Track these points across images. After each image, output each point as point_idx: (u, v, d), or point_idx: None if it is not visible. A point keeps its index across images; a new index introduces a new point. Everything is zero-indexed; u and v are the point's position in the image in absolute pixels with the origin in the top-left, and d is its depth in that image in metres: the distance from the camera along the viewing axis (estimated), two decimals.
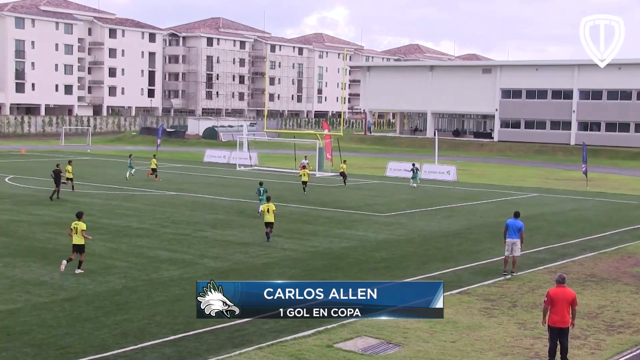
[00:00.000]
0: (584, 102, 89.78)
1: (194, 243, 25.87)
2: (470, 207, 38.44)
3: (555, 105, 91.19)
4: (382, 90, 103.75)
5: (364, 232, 29.23)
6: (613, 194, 46.78)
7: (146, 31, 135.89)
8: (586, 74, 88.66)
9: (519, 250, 22.13)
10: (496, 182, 52.45)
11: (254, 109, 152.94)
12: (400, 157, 72.67)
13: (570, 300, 13.87)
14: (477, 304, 18.47)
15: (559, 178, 57.64)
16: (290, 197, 40.26)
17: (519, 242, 22.01)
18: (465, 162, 69.91)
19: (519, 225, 22.09)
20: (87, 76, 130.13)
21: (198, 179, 49.55)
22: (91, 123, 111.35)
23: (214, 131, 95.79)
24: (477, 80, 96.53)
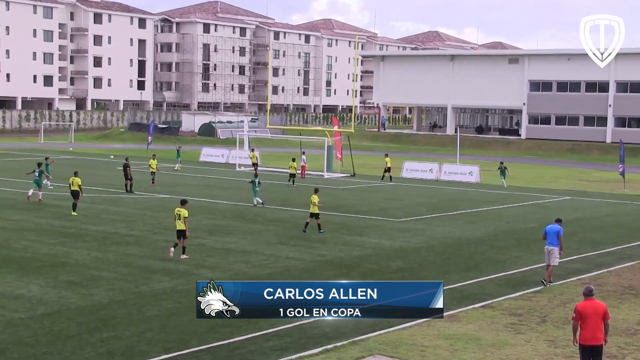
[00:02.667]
0: (621, 96, 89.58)
1: (189, 251, 25.87)
2: (496, 212, 38.41)
3: (590, 98, 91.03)
4: (397, 82, 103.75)
5: (377, 240, 29.23)
6: None
7: (135, 16, 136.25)
8: (624, 64, 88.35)
9: (557, 258, 22.29)
10: (524, 184, 52.39)
11: (256, 103, 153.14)
12: (417, 156, 72.64)
13: (601, 314, 13.74)
14: (502, 319, 18.46)
15: (593, 179, 57.51)
16: (296, 201, 40.28)
17: (557, 249, 22.14)
18: (489, 161, 69.83)
19: (555, 230, 22.22)
20: (69, 66, 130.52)
21: (193, 181, 49.63)
22: (74, 118, 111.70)
23: (211, 127, 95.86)
24: (503, 72, 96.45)
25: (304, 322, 17.43)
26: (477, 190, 48.51)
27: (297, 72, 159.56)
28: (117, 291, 20.44)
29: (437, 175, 55.03)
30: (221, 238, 28.49)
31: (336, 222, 33.38)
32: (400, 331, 17.22)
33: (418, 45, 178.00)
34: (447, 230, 32.18)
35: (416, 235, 30.67)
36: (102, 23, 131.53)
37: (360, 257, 25.81)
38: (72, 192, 34.34)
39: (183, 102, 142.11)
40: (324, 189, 46.90)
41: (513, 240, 29.94)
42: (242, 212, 35.70)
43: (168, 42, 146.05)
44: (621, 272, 24.52)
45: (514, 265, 25.04)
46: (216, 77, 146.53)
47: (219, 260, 24.66)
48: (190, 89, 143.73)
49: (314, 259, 25.26)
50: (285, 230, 31.01)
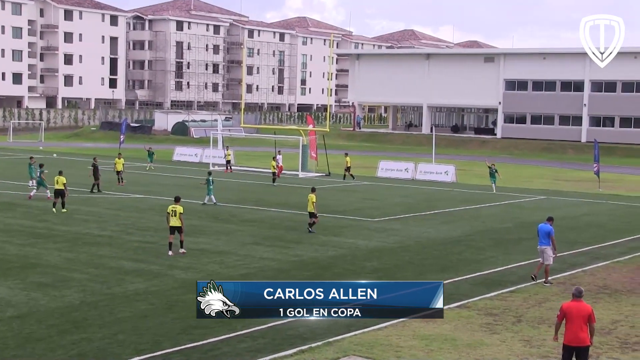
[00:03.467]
0: (596, 95, 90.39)
1: (162, 252, 25.81)
2: (472, 212, 38.61)
3: (565, 98, 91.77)
4: (372, 81, 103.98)
5: (353, 240, 29.29)
6: (628, 196, 47.13)
7: (107, 13, 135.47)
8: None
9: (551, 258, 22.65)
10: (500, 183, 52.68)
11: (230, 102, 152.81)
12: (393, 155, 72.84)
13: (586, 316, 13.81)
14: (478, 319, 18.58)
15: (568, 179, 57.98)
16: (271, 201, 40.28)
17: (549, 248, 22.52)
18: (465, 161, 70.18)
19: (546, 230, 22.61)
20: (39, 63, 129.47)
21: (167, 180, 49.46)
22: (44, 117, 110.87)
23: (185, 126, 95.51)
24: (479, 70, 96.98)
25: (278, 323, 17.46)
26: (453, 189, 48.73)
27: (272, 70, 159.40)
28: (89, 292, 20.34)
29: (412, 175, 55.22)
30: (195, 238, 28.41)
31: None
32: (376, 332, 17.28)
33: (394, 44, 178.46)
34: (423, 230, 32.31)
35: (392, 235, 30.76)
36: (73, 20, 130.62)
37: (336, 258, 25.85)
38: (56, 191, 34.49)
39: (156, 101, 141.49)
40: (299, 188, 46.96)
41: (489, 240, 30.12)
42: (216, 212, 35.64)
43: (140, 40, 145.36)
44: (595, 271, 24.75)
45: (489, 265, 25.20)
46: (189, 75, 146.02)
47: (193, 260, 24.60)
48: (163, 87, 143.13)
49: (289, 260, 25.27)
50: (260, 230, 30.99)
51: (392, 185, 50.19)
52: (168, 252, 25.35)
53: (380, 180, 53.68)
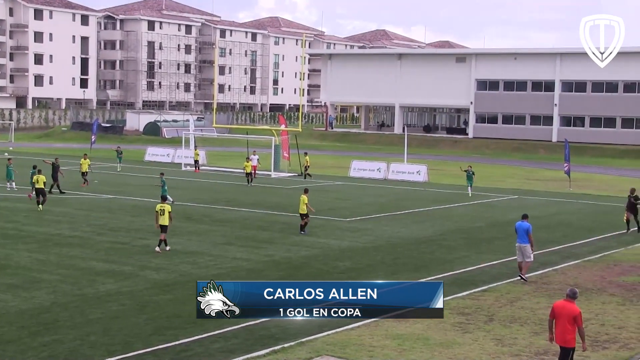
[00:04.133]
0: (566, 95, 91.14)
1: (134, 253, 25.68)
2: (443, 211, 38.77)
3: (536, 98, 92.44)
4: (345, 81, 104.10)
5: (325, 239, 29.31)
6: (598, 195, 47.56)
7: (78, 12, 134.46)
8: (569, 63, 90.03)
9: (530, 255, 22.98)
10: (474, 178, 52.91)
11: (202, 102, 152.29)
12: (365, 155, 72.96)
13: (571, 318, 13.73)
14: (450, 318, 18.65)
15: (540, 178, 58.40)
16: (243, 201, 40.21)
17: (528, 246, 22.85)
18: (437, 160, 70.47)
19: (524, 227, 22.96)
20: (9, 63, 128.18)
21: (138, 180, 49.20)
22: (14, 117, 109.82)
23: (157, 126, 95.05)
24: (450, 70, 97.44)
25: (251, 324, 17.42)
26: (425, 189, 48.90)
27: (244, 70, 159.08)
28: (60, 294, 20.18)
29: (385, 175, 55.35)
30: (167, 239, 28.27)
31: (284, 222, 33.39)
32: (349, 331, 17.29)
33: (366, 44, 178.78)
34: (395, 229, 32.39)
35: (364, 235, 30.81)
36: (43, 19, 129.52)
37: (308, 257, 25.85)
38: (37, 190, 34.84)
39: (127, 101, 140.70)
40: (272, 189, 46.94)
41: (461, 240, 30.25)
42: (189, 212, 35.50)
43: (112, 40, 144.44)
44: (567, 270, 24.94)
45: (461, 265, 25.31)
46: (161, 75, 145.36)
47: (165, 261, 24.49)
48: (135, 87, 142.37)
49: (262, 260, 25.24)
50: (233, 230, 30.93)
51: (365, 185, 50.27)
52: (166, 248, 26.08)
53: (353, 180, 53.74)
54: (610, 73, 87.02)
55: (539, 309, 19.72)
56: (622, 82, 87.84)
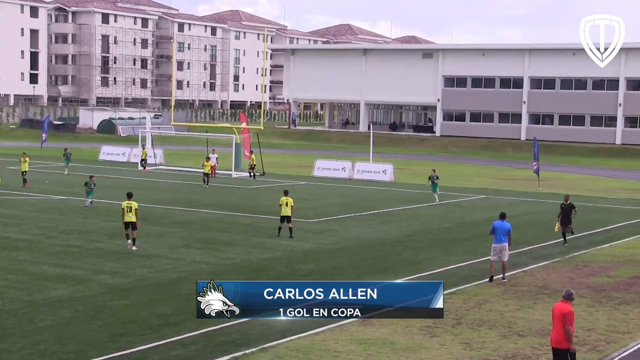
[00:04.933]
0: (535, 92, 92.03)
1: (87, 256, 25.45)
2: (410, 211, 38.92)
3: (504, 95, 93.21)
4: (308, 77, 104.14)
5: (288, 242, 29.27)
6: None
7: (27, 4, 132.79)
8: (538, 60, 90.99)
9: (507, 254, 23.54)
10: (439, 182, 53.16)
11: (159, 99, 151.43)
12: (329, 154, 73.01)
13: (561, 316, 13.81)
14: (417, 321, 18.69)
15: (508, 177, 58.85)
16: (203, 202, 40.04)
17: (507, 246, 23.43)
18: (403, 159, 70.73)
19: (507, 227, 23.47)
20: None
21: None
22: None
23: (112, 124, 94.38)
24: (417, 67, 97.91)
25: (210, 329, 17.34)
26: (391, 189, 49.05)
27: (203, 66, 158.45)
28: (7, 300, 19.92)
29: (350, 174, 55.45)
30: (122, 241, 28.03)
31: (245, 224, 33.30)
32: (312, 336, 17.28)
33: (330, 39, 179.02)
34: (360, 230, 32.44)
35: (329, 236, 30.82)
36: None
37: (271, 260, 25.79)
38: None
39: (80, 97, 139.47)
40: (232, 189, 46.80)
41: (428, 241, 30.39)
42: (145, 213, 35.23)
43: (63, 33, 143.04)
44: (535, 271, 25.14)
45: (429, 266, 25.41)
46: (116, 70, 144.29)
47: (120, 265, 24.30)
48: (88, 83, 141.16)
49: (222, 263, 25.14)
50: (191, 232, 30.77)
51: (329, 185, 50.32)
52: (127, 244, 26.68)
53: (317, 179, 53.75)
54: (579, 70, 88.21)
55: (508, 312, 19.87)
56: (591, 79, 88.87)
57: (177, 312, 18.99)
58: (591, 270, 25.53)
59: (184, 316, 18.58)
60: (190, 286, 21.74)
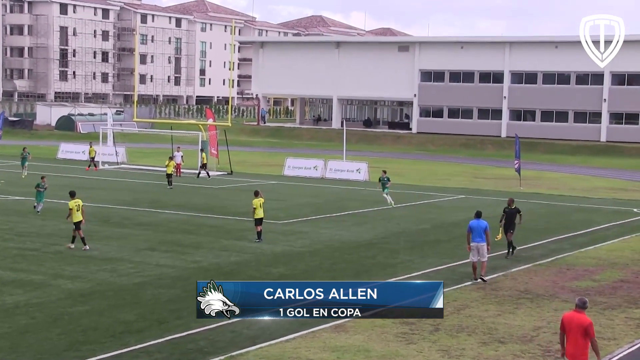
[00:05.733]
0: (516, 87, 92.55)
1: (45, 260, 25.30)
2: (385, 213, 38.99)
3: (484, 90, 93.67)
4: (278, 71, 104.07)
5: (257, 244, 29.25)
6: (550, 195, 48.36)
7: None
8: (519, 53, 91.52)
9: (487, 253, 24.01)
10: (415, 181, 53.36)
11: (121, 94, 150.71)
12: (300, 152, 73.01)
13: (582, 329, 13.53)
14: (393, 328, 18.76)
15: (488, 176, 59.14)
16: (168, 202, 39.90)
17: (485, 245, 23.87)
18: (378, 158, 70.87)
19: (483, 225, 23.97)
20: None
21: (51, 180, 48.32)
22: None
23: (71, 121, 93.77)
24: (393, 60, 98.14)
25: (176, 336, 17.31)
26: (365, 189, 49.13)
27: (168, 59, 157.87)
28: None
29: (322, 173, 55.47)
30: (82, 244, 27.91)
31: (212, 225, 33.24)
32: (283, 344, 17.29)
33: (301, 31, 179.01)
34: (333, 232, 32.48)
35: (300, 238, 30.83)
36: None
37: (239, 263, 25.77)
38: None
39: (38, 92, 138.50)
40: (198, 188, 46.66)
41: (404, 243, 30.47)
42: (107, 214, 35.08)
43: (19, 24, 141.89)
44: (517, 275, 25.27)
45: (405, 270, 25.48)
46: (75, 64, 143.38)
47: (80, 269, 24.17)
48: (46, 77, 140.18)
49: (188, 266, 25.09)
50: (156, 234, 30.67)
51: (300, 185, 50.32)
52: (69, 246, 27.15)
53: (287, 179, 53.73)
54: (562, 64, 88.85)
55: (488, 317, 19.98)
56: (575, 74, 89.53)
57: (140, 319, 18.92)
58: (575, 273, 25.73)
59: (148, 323, 18.52)
60: (154, 291, 21.70)
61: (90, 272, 23.81)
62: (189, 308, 19.72)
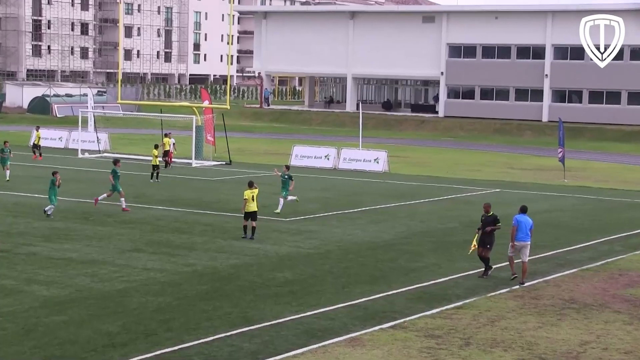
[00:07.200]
0: (559, 64, 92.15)
1: (17, 262, 25.33)
2: (407, 208, 38.92)
3: (522, 67, 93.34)
4: (284, 45, 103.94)
5: (259, 244, 29.24)
6: (599, 188, 48.18)
7: None
8: (563, 24, 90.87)
9: (527, 255, 24.46)
10: (441, 173, 53.27)
11: (103, 72, 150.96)
12: (310, 138, 72.93)
13: None
14: (417, 342, 18.72)
15: (526, 167, 58.97)
16: (155, 197, 39.93)
17: (529, 244, 24.41)
18: (399, 145, 70.75)
19: (530, 223, 24.43)
20: None
21: (22, 171, 48.50)
22: None
23: (45, 102, 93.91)
24: (416, 33, 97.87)
25: (166, 351, 17.35)
26: (384, 181, 49.06)
27: (157, 32, 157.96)
28: None
29: (334, 163, 55.42)
30: (59, 245, 27.96)
31: (207, 223, 33.23)
32: (291, 359, 17.27)
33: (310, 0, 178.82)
34: (346, 231, 32.43)
35: (308, 238, 30.81)
36: None
37: (238, 267, 25.76)
38: None
39: (7, 70, 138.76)
40: (192, 181, 46.69)
41: (429, 244, 30.40)
42: (87, 211, 35.12)
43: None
44: (560, 281, 25.17)
45: (430, 275, 25.42)
46: (51, 37, 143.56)
47: (57, 273, 24.20)
48: (16, 52, 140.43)
49: (180, 270, 25.08)
50: (143, 233, 30.68)
51: (309, 176, 50.28)
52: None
53: (294, 169, 53.39)
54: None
55: (527, 330, 19.90)
56: (629, 47, 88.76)
57: (125, 331, 18.94)
58: (629, 279, 25.61)
59: (134, 335, 18.53)
60: (141, 299, 21.71)
61: (69, 277, 23.83)
62: (180, 318, 19.75)
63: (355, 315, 20.59)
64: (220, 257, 27.07)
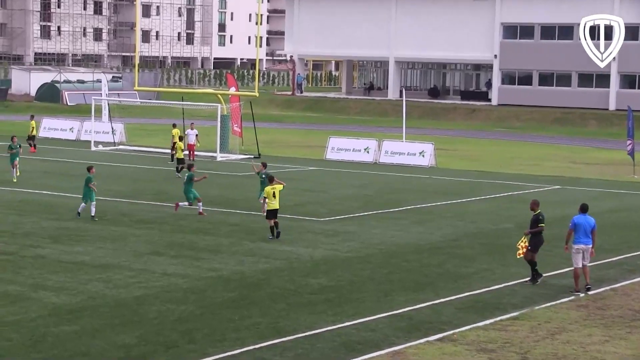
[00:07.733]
0: (629, 45, 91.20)
1: (24, 266, 25.47)
2: (456, 207, 38.81)
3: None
4: (318, 26, 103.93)
5: (292, 247, 29.24)
6: None
7: None
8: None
9: (589, 258, 24.46)
10: (495, 168, 53.08)
11: (119, 55, 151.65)
12: (347, 129, 72.87)
13: None
14: (467, 356, 18.67)
15: (590, 161, 58.63)
16: (176, 193, 40.02)
17: (591, 248, 24.30)
18: (448, 137, 70.59)
19: (592, 223, 24.28)
20: None
21: (30, 165, 48.80)
22: None
23: (55, 89, 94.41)
24: (466, 11, 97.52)
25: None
26: (430, 177, 48.94)
27: (178, 11, 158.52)
28: None
29: (375, 157, 55.34)
30: (70, 247, 28.10)
31: (234, 223, 33.28)
32: None
33: None
34: (388, 233, 32.37)
35: (346, 240, 30.77)
36: None
37: (269, 272, 25.76)
38: None
39: (13, 53, 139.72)
40: (217, 177, 46.77)
41: (480, 247, 30.29)
42: (101, 209, 35.25)
43: None
44: (629, 289, 24.99)
45: (482, 282, 25.33)
46: (61, 17, 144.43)
47: (67, 278, 24.30)
48: (23, 34, 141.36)
49: (204, 276, 25.11)
50: (162, 234, 30.76)
51: (346, 172, 50.24)
52: None
53: (330, 164, 53.67)
54: None
55: (592, 344, 19.75)
56: None
57: (143, 342, 18.98)
58: None
59: (152, 347, 18.57)
60: (160, 307, 21.75)
61: (80, 283, 23.92)
62: (204, 329, 19.77)
63: (398, 326, 20.52)
64: (248, 261, 27.08)
